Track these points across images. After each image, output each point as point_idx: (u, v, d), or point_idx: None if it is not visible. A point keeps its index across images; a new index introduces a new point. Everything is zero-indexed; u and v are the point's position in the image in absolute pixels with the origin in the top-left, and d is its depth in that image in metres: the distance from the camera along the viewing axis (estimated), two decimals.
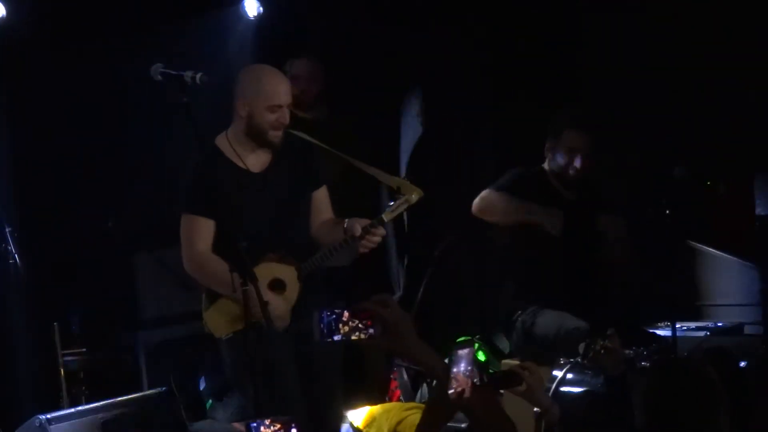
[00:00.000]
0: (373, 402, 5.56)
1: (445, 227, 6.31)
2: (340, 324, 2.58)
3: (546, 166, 5.23)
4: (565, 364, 4.56)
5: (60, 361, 5.49)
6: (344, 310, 2.59)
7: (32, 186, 6.09)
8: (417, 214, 5.97)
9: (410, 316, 2.75)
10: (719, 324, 5.55)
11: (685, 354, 4.67)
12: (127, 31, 6.12)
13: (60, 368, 5.49)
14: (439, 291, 6.45)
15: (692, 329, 5.40)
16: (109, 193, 6.27)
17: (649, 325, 5.35)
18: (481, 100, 6.61)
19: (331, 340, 2.59)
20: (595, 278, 5.17)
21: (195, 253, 4.37)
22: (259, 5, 6.47)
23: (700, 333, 5.32)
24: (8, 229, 5.46)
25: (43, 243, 5.99)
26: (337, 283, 5.15)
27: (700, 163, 5.25)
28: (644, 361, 4.30)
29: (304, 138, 4.58)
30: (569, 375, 4.54)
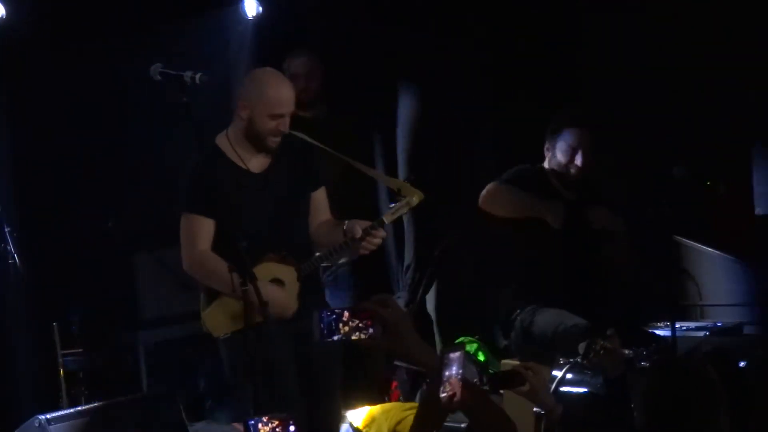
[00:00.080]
0: (372, 402, 5.57)
1: (445, 227, 6.31)
2: (340, 324, 2.58)
3: (546, 165, 5.21)
4: (565, 364, 4.56)
5: (60, 361, 5.50)
6: (344, 310, 2.59)
7: (32, 186, 6.09)
8: (417, 214, 5.96)
9: (410, 316, 2.75)
10: (719, 324, 5.55)
11: (685, 354, 4.66)
12: (127, 31, 6.12)
13: (60, 368, 5.49)
14: (439, 291, 6.46)
15: (692, 329, 5.40)
16: (109, 193, 6.28)
17: (649, 325, 5.35)
18: (481, 100, 6.60)
19: (331, 340, 2.59)
20: (595, 278, 5.16)
21: (195, 252, 4.37)
22: (258, 5, 6.47)
23: (700, 333, 5.32)
24: (7, 229, 5.47)
25: (43, 243, 5.99)
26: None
27: (700, 163, 5.25)
28: (644, 361, 4.28)
29: (304, 139, 4.58)
30: (569, 375, 4.53)
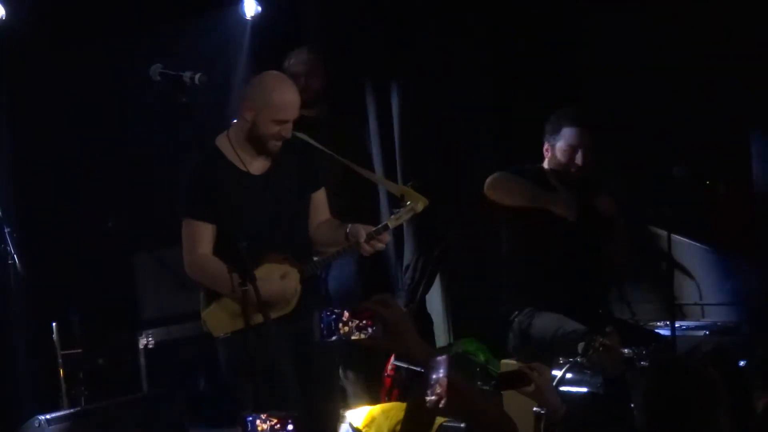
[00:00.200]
0: (372, 402, 5.57)
1: (445, 227, 6.31)
2: (340, 324, 2.57)
3: (546, 165, 5.19)
4: (565, 363, 4.56)
5: (59, 361, 5.50)
6: (344, 310, 2.59)
7: (32, 186, 6.10)
8: (417, 214, 5.95)
9: (410, 315, 2.75)
10: (719, 323, 5.55)
11: (685, 353, 4.66)
12: (127, 31, 6.13)
13: (59, 368, 5.49)
14: (439, 290, 6.46)
15: (692, 329, 5.41)
16: (109, 193, 6.28)
17: (649, 324, 5.35)
18: (481, 100, 6.59)
19: (331, 340, 2.59)
20: (595, 278, 5.16)
21: (196, 256, 4.36)
22: (257, 5, 6.47)
23: (700, 332, 5.32)
24: (7, 229, 5.47)
25: (43, 243, 6.00)
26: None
27: (700, 163, 5.24)
28: (644, 361, 4.28)
29: (305, 140, 4.58)
30: (569, 375, 4.53)
